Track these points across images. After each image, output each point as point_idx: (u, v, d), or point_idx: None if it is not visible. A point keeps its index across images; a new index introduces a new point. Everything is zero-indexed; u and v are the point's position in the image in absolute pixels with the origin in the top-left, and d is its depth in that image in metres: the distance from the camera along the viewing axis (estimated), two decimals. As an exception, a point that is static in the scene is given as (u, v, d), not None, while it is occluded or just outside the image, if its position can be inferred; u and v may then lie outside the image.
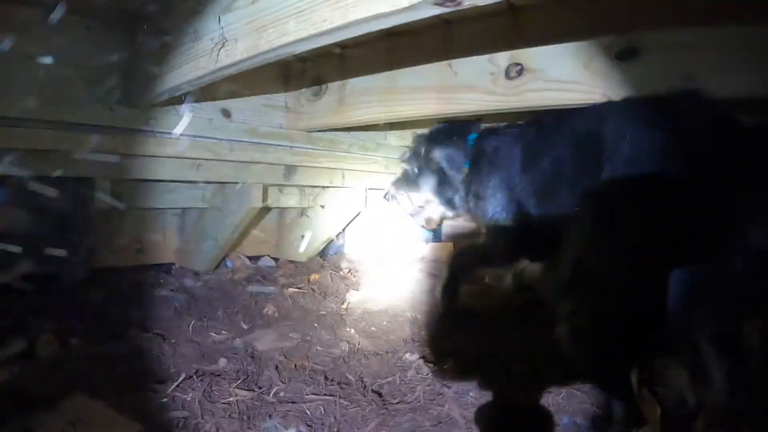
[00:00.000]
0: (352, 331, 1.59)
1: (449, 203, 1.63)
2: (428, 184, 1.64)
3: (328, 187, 2.00)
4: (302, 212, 2.13)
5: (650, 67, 1.19)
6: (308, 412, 1.12)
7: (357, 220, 2.35)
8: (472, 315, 1.70)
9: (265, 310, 1.62)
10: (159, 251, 1.87)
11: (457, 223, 2.44)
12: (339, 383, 1.25)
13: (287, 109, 1.74)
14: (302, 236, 2.12)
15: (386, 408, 1.16)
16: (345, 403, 1.16)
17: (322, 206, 2.07)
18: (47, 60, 1.21)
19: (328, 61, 1.64)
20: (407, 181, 1.70)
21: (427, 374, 1.31)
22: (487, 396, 1.20)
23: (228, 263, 1.98)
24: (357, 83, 1.58)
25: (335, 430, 1.07)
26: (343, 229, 2.35)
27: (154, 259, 1.86)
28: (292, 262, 2.15)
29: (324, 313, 1.67)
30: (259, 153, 1.62)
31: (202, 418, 1.07)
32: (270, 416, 1.09)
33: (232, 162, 1.59)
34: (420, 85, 1.47)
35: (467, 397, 1.20)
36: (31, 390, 1.09)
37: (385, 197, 1.82)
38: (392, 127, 2.10)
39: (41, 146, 1.22)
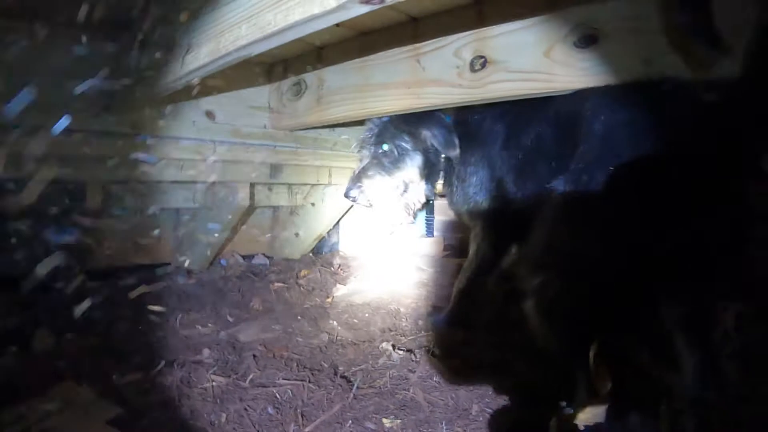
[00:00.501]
0: (335, 323, 1.65)
1: (434, 184, 1.68)
2: (414, 163, 1.63)
3: (316, 184, 2.08)
4: (294, 210, 2.21)
5: (609, 53, 1.22)
6: (277, 395, 1.19)
7: (353, 216, 2.42)
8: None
9: (251, 304, 1.70)
10: (155, 251, 1.97)
11: (447, 218, 2.49)
12: (311, 370, 1.32)
13: (270, 110, 1.82)
14: (295, 234, 2.19)
15: (353, 392, 1.22)
16: (313, 387, 1.22)
17: (313, 204, 2.15)
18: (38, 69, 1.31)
19: (307, 61, 1.71)
20: (380, 166, 1.63)
21: (397, 361, 1.36)
22: (451, 380, 1.25)
23: (222, 262, 2.07)
24: (333, 82, 1.65)
25: (300, 411, 1.14)
26: (335, 226, 2.42)
27: (151, 259, 1.96)
28: (286, 259, 2.24)
29: (308, 306, 1.75)
30: (243, 152, 1.71)
31: (179, 402, 1.15)
32: (241, 399, 1.16)
33: (216, 162, 1.67)
34: (391, 81, 1.52)
35: (430, 381, 1.25)
36: (26, 380, 1.18)
37: (346, 195, 1.66)
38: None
39: (32, 151, 1.32)
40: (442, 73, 1.44)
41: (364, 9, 0.85)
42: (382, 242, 2.48)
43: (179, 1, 1.18)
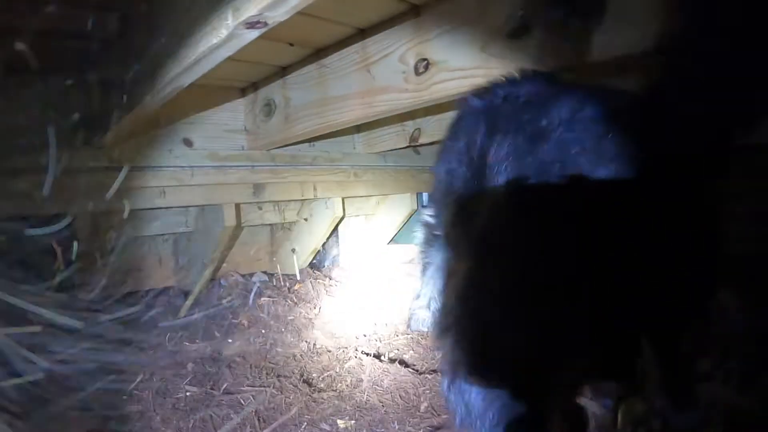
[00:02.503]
0: (318, 332, 1.75)
1: None
2: None
3: (304, 200, 2.20)
4: (288, 227, 2.34)
5: (541, 41, 1.27)
6: (241, 401, 1.30)
7: (352, 229, 2.54)
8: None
9: (239, 320, 1.84)
10: (157, 276, 2.15)
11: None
12: (280, 377, 1.42)
13: (247, 132, 1.96)
14: (292, 250, 2.33)
15: (312, 396, 1.31)
16: (275, 392, 1.33)
17: (306, 219, 2.27)
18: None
19: (274, 82, 1.84)
20: None
21: (363, 365, 1.44)
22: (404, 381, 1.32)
23: (222, 282, 2.23)
24: (298, 99, 1.76)
25: (261, 415, 1.24)
26: (335, 239, 2.54)
27: (153, 284, 2.14)
28: (285, 275, 2.36)
29: (292, 318, 1.86)
30: (221, 175, 1.85)
31: (153, 410, 1.29)
32: (208, 406, 1.28)
33: (196, 186, 1.83)
34: (346, 93, 1.62)
35: (385, 383, 1.33)
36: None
37: None
38: (359, 128, 2.28)
39: (16, 189, 1.51)
40: (390, 79, 1.52)
41: (254, 34, 0.96)
42: (381, 252, 2.58)
43: (128, 42, 1.35)
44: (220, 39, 0.96)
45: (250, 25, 0.93)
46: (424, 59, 1.45)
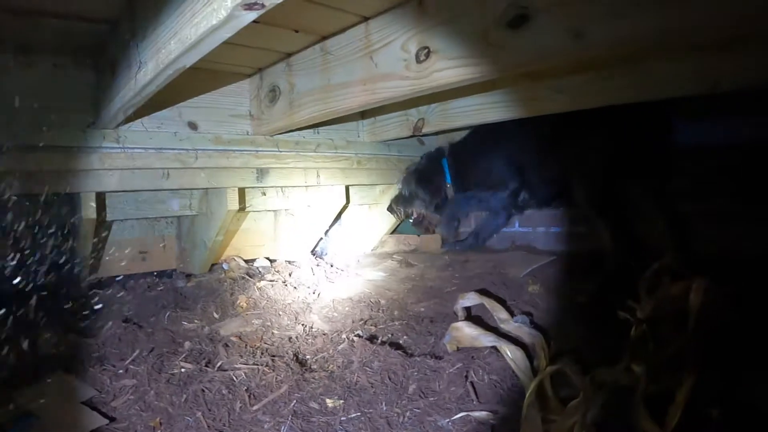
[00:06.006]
0: (315, 316, 1.80)
1: None
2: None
3: (309, 186, 2.25)
4: (292, 213, 2.39)
5: (541, 30, 1.29)
6: (234, 378, 1.35)
7: (350, 217, 2.59)
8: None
9: (238, 302, 1.89)
10: (161, 258, 2.21)
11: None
12: (273, 356, 1.47)
13: (251, 117, 2.01)
14: (294, 237, 2.38)
15: (303, 375, 1.35)
16: (267, 371, 1.37)
17: (309, 206, 2.32)
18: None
19: (279, 69, 1.89)
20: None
21: (356, 348, 1.48)
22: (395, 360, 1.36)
23: (224, 265, 2.28)
24: (302, 86, 1.81)
25: (252, 392, 1.29)
26: (338, 226, 2.58)
27: (157, 266, 2.20)
28: (288, 261, 2.42)
29: (290, 302, 1.91)
30: (225, 159, 1.91)
31: (148, 385, 1.34)
32: (200, 382, 1.33)
33: (201, 169, 1.88)
34: (349, 80, 1.66)
35: (376, 365, 1.36)
36: (26, 372, 1.41)
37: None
38: (363, 116, 2.33)
39: (26, 168, 1.57)
40: (392, 67, 1.56)
41: (252, 15, 1.00)
42: (384, 241, 2.62)
43: (134, 23, 1.39)
44: (220, 20, 1.01)
45: (248, 6, 0.96)
46: (426, 47, 1.49)
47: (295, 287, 2.05)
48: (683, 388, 0.99)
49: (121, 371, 1.40)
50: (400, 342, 1.54)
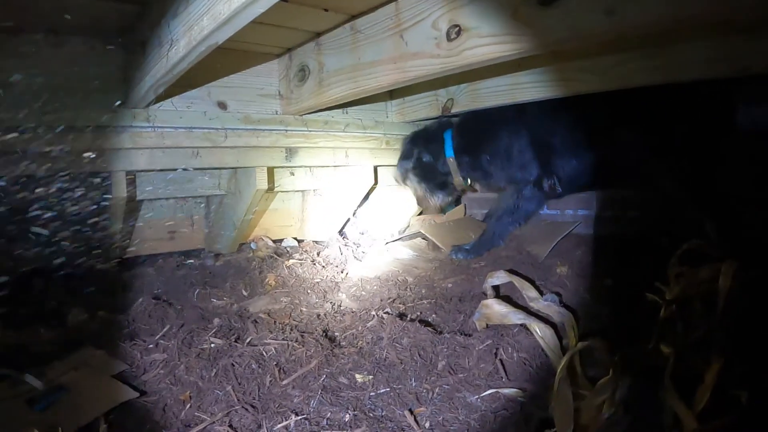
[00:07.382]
0: (343, 295, 1.82)
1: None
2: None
3: (337, 166, 2.26)
4: (320, 193, 2.41)
5: (572, 7, 1.27)
6: (264, 353, 1.37)
7: (379, 197, 2.59)
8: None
9: (266, 280, 1.92)
10: (189, 238, 2.26)
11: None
12: (303, 332, 1.49)
13: (281, 96, 2.02)
14: (322, 217, 2.40)
15: (333, 351, 1.38)
16: (297, 346, 1.40)
17: (337, 186, 2.33)
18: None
19: (309, 48, 1.89)
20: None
21: (385, 325, 1.50)
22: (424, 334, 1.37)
23: (252, 245, 2.32)
24: (331, 65, 1.81)
25: (281, 367, 1.31)
26: (359, 207, 2.59)
27: (185, 246, 2.25)
28: (315, 242, 2.44)
29: (319, 281, 1.93)
30: (254, 138, 1.93)
31: (178, 359, 1.37)
32: (231, 356, 1.37)
33: (230, 148, 1.91)
34: (379, 59, 1.66)
35: (405, 341, 1.38)
36: (56, 347, 1.44)
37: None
38: (392, 95, 2.32)
39: (57, 147, 1.61)
40: (422, 45, 1.55)
41: (286, -9, 1.01)
42: (412, 223, 2.63)
43: (164, 2, 1.41)
44: (253, -5, 1.01)
45: (282, -17, 0.97)
46: (456, 25, 1.47)
47: (323, 266, 2.08)
48: (711, 370, 0.99)
49: (151, 346, 1.43)
50: (429, 320, 1.56)
